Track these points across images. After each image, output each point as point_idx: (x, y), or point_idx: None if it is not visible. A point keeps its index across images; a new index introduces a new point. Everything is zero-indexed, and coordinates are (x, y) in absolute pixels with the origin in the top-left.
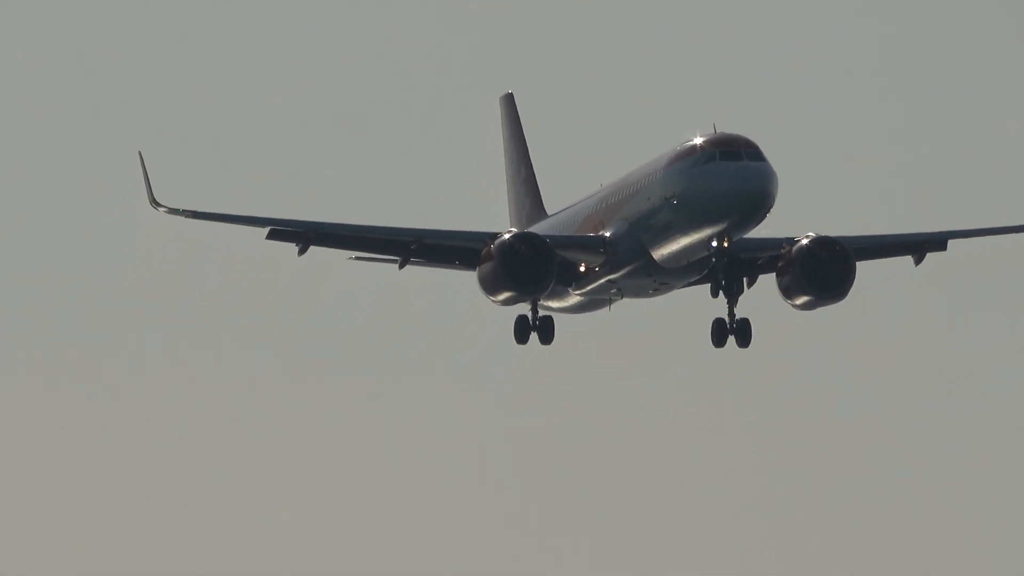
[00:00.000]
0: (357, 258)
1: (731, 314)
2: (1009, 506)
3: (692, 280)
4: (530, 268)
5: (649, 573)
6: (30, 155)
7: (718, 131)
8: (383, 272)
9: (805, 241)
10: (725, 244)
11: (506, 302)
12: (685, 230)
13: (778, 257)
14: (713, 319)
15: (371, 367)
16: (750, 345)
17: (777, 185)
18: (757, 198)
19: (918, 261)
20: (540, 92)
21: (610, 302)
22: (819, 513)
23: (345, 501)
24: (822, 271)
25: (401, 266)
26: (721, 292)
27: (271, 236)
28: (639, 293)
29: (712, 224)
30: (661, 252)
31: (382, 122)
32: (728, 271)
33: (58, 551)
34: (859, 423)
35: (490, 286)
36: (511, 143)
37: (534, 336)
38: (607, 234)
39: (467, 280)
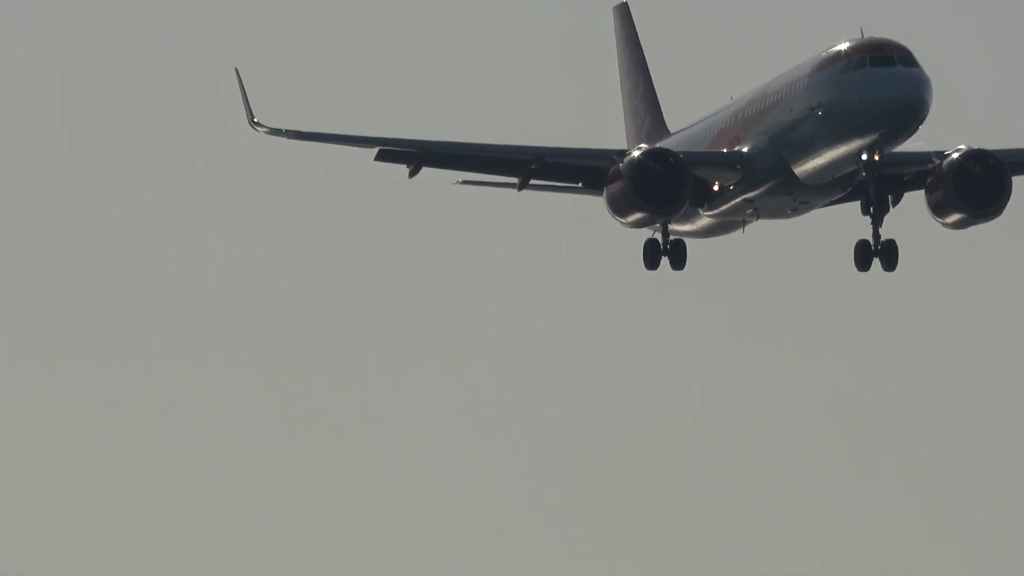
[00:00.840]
0: (465, 182)
1: (876, 235)
2: None
3: (833, 199)
4: (664, 186)
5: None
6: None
7: (865, 36)
8: (498, 195)
9: (957, 154)
10: (876, 157)
11: (637, 223)
12: (832, 143)
13: (926, 173)
14: (856, 241)
15: (499, 295)
16: (896, 268)
17: (932, 92)
18: (912, 106)
19: None
20: (657, 1)
21: (743, 224)
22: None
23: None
24: (976, 186)
25: (520, 188)
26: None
27: (380, 157)
28: (776, 213)
29: (863, 135)
30: (804, 167)
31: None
32: (875, 188)
33: (57, 551)
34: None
35: (621, 207)
36: (627, 56)
37: (665, 261)
38: (744, 149)
39: (585, 203)
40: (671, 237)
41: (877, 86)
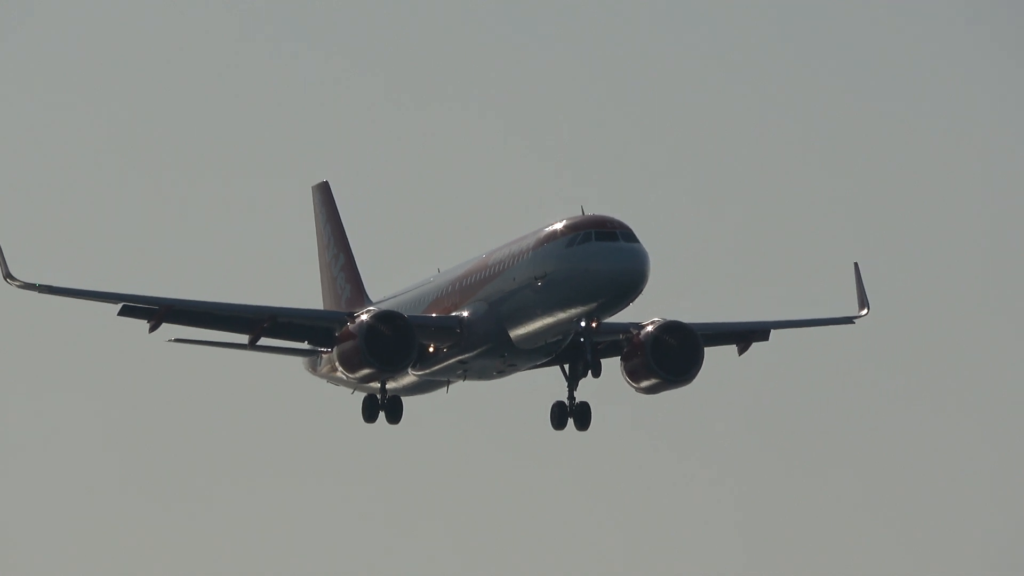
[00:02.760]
0: (176, 340)
1: (571, 397)
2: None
3: (539, 363)
4: (393, 345)
5: None
6: None
7: (587, 212)
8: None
9: (653, 326)
10: (594, 324)
11: (365, 379)
12: (554, 310)
13: (622, 341)
14: (553, 402)
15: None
16: (589, 428)
17: (650, 266)
18: (635, 278)
19: (742, 350)
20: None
21: (448, 383)
22: None
23: None
24: (671, 355)
25: (251, 344)
26: (565, 375)
27: (124, 312)
28: (484, 375)
29: (586, 304)
30: (521, 332)
31: (203, 206)
32: (574, 355)
33: None
34: (697, 504)
35: (352, 363)
36: (328, 230)
37: (382, 416)
38: (464, 314)
39: (291, 365)
40: (390, 394)
41: (602, 259)
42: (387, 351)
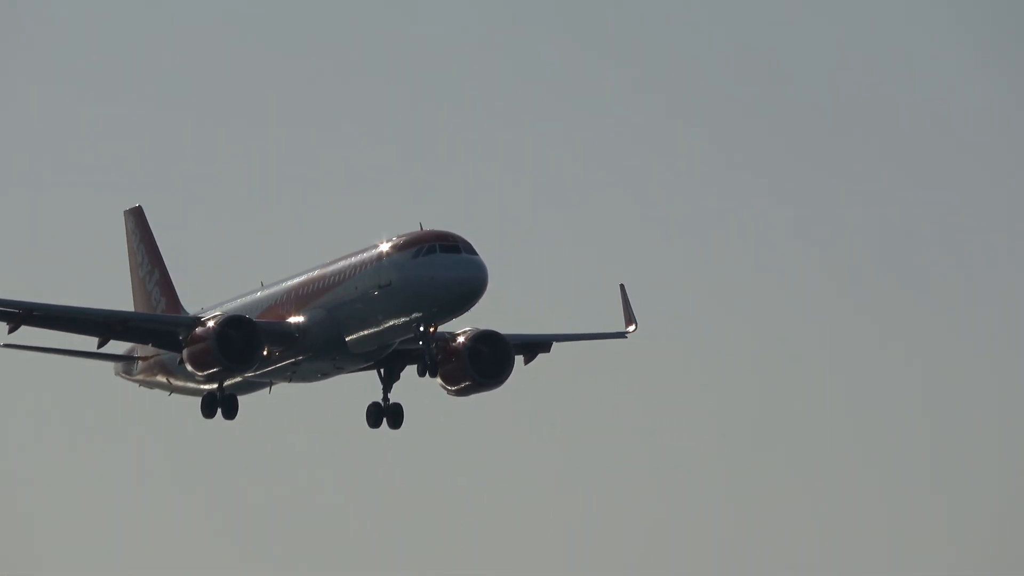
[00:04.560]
0: (6, 345)
1: (385, 398)
2: None
3: (362, 367)
4: (242, 346)
5: None
6: None
7: (424, 228)
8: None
9: (471, 333)
10: (432, 329)
11: (212, 377)
12: (395, 315)
13: (438, 348)
14: (369, 403)
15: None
16: (401, 426)
17: (488, 278)
18: (476, 286)
19: (528, 360)
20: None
21: (271, 384)
22: None
23: None
24: (485, 361)
25: (99, 346)
26: (381, 378)
27: None
28: (309, 377)
29: (427, 309)
30: (356, 337)
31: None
32: (391, 359)
33: None
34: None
35: (203, 362)
36: (142, 250)
37: (219, 411)
38: (301, 320)
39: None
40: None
41: (447, 268)
42: (237, 351)
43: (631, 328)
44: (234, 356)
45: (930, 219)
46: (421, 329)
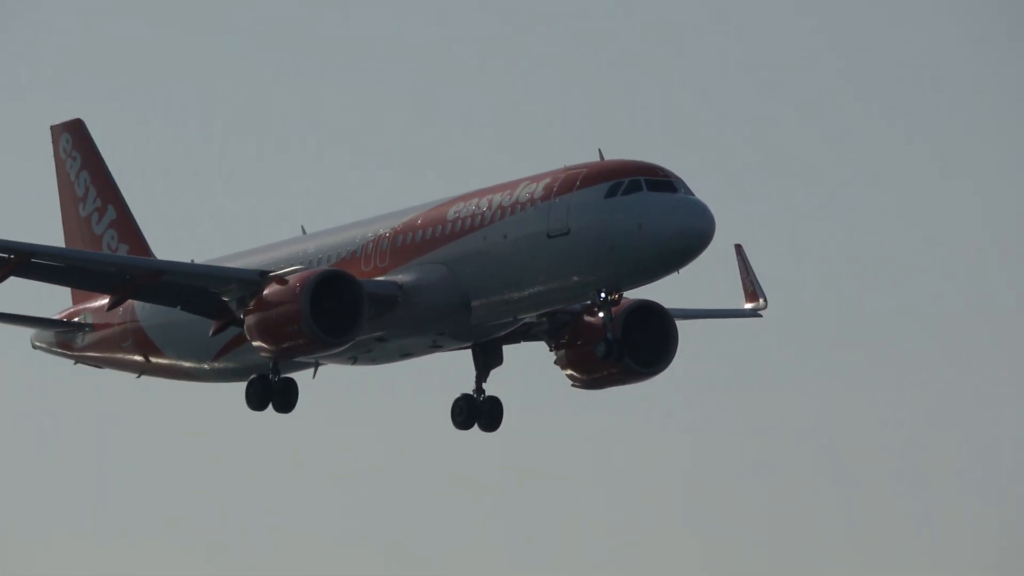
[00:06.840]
0: None
1: (479, 390)
2: None
3: (465, 345)
4: (341, 313)
5: None
6: None
7: (606, 157)
8: None
9: (627, 305)
10: (618, 296)
11: (290, 353)
12: (566, 276)
13: (569, 323)
14: (456, 396)
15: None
16: (499, 428)
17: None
18: (699, 240)
19: None
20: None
21: (316, 366)
22: None
23: None
24: (639, 342)
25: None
26: (475, 360)
27: None
28: (387, 358)
29: (620, 269)
30: (490, 303)
31: None
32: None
33: None
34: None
35: (278, 334)
36: (84, 178)
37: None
38: (404, 279)
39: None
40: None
41: (660, 213)
42: (333, 318)
43: (760, 303)
44: (329, 326)
45: None
46: (603, 296)
